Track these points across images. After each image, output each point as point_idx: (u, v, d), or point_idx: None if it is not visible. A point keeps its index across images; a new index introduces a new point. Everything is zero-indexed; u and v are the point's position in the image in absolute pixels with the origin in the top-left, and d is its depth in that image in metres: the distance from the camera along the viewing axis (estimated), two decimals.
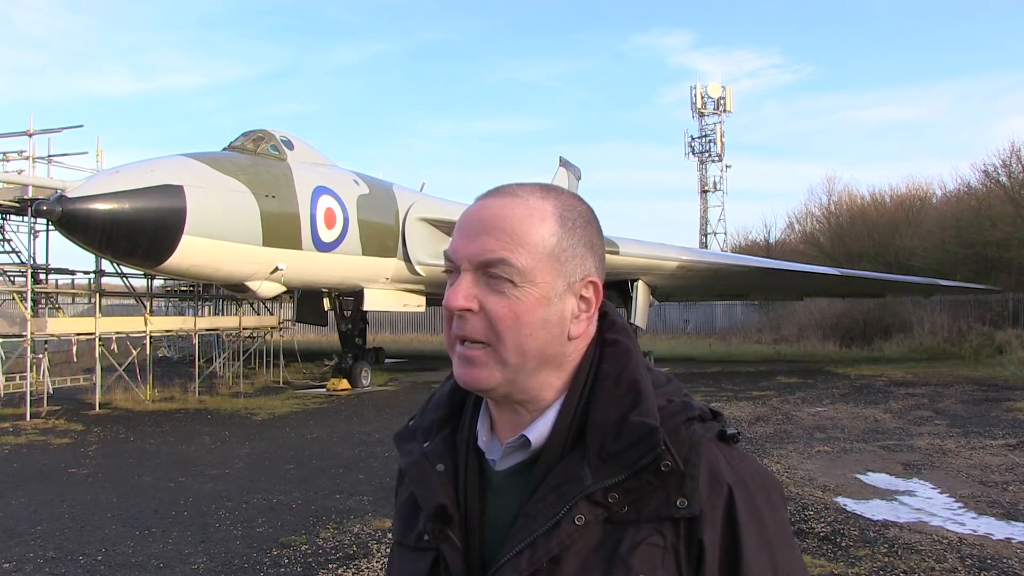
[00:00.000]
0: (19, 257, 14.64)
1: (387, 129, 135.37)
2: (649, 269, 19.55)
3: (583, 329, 1.12)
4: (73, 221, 11.16)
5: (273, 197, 13.53)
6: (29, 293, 13.58)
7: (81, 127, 21.40)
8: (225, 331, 19.57)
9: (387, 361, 24.96)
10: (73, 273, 16.90)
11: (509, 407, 1.12)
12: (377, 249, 15.93)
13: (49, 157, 14.58)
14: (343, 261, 15.24)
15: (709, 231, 48.34)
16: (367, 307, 17.20)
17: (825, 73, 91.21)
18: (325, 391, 16.89)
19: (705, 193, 48.83)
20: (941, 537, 5.86)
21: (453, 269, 1.10)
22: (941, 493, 7.31)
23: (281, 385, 18.74)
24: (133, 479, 8.32)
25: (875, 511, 6.67)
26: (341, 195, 15.08)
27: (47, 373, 14.55)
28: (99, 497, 7.50)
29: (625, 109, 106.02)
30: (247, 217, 13.02)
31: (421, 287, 17.91)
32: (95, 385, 14.31)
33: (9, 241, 14.89)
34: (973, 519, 6.40)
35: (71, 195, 11.12)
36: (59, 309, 16.13)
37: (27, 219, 13.85)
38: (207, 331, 18.43)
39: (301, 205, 14.07)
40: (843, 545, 5.66)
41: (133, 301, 18.29)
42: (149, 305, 16.76)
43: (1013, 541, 5.78)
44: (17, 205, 13.65)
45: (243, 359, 18.82)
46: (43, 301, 15.40)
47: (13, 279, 14.34)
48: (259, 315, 21.08)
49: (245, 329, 19.38)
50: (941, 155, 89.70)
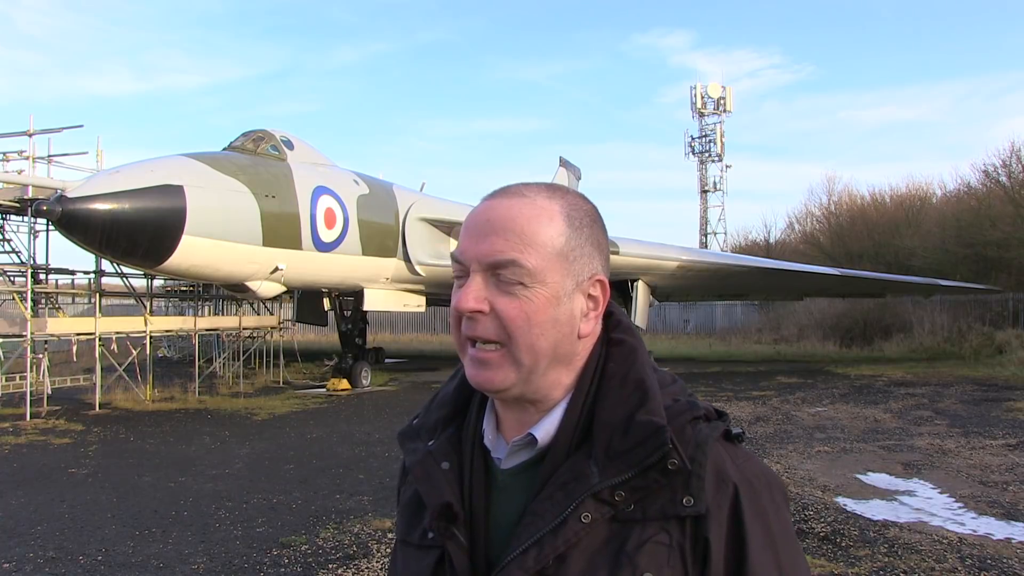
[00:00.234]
0: (19, 257, 14.65)
1: (387, 129, 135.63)
2: (649, 269, 19.54)
3: (592, 327, 1.12)
4: (73, 221, 11.16)
5: (273, 197, 13.54)
6: (29, 293, 13.59)
7: (81, 127, 21.47)
8: (225, 331, 19.57)
9: (387, 361, 24.95)
10: (73, 273, 16.91)
11: (517, 406, 1.13)
12: (377, 249, 15.94)
13: (49, 157, 14.60)
14: (343, 261, 15.24)
15: (709, 231, 48.39)
16: (367, 307, 17.21)
17: (825, 73, 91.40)
18: (325, 391, 16.89)
19: (705, 193, 48.85)
20: (941, 537, 5.86)
21: (462, 271, 1.10)
22: (941, 493, 7.31)
23: (281, 385, 18.74)
24: (133, 479, 8.32)
25: (875, 511, 6.67)
26: (341, 195, 15.09)
27: (47, 373, 14.55)
28: (99, 497, 7.50)
29: (625, 109, 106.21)
30: (247, 217, 13.02)
31: (421, 287, 17.92)
32: (95, 385, 14.31)
33: (9, 241, 14.90)
34: (973, 519, 6.41)
35: (71, 195, 11.12)
36: (59, 309, 16.14)
37: (27, 219, 13.86)
38: (207, 331, 18.43)
39: (301, 205, 14.07)
40: (843, 545, 5.66)
41: (133, 301, 18.28)
42: (149, 305, 16.75)
43: (1013, 541, 5.78)
44: (17, 205, 13.66)
45: (243, 359, 18.81)
46: (43, 301, 15.41)
47: (13, 279, 14.34)
48: (259, 315, 21.07)
49: (245, 329, 19.37)
50: (941, 155, 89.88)
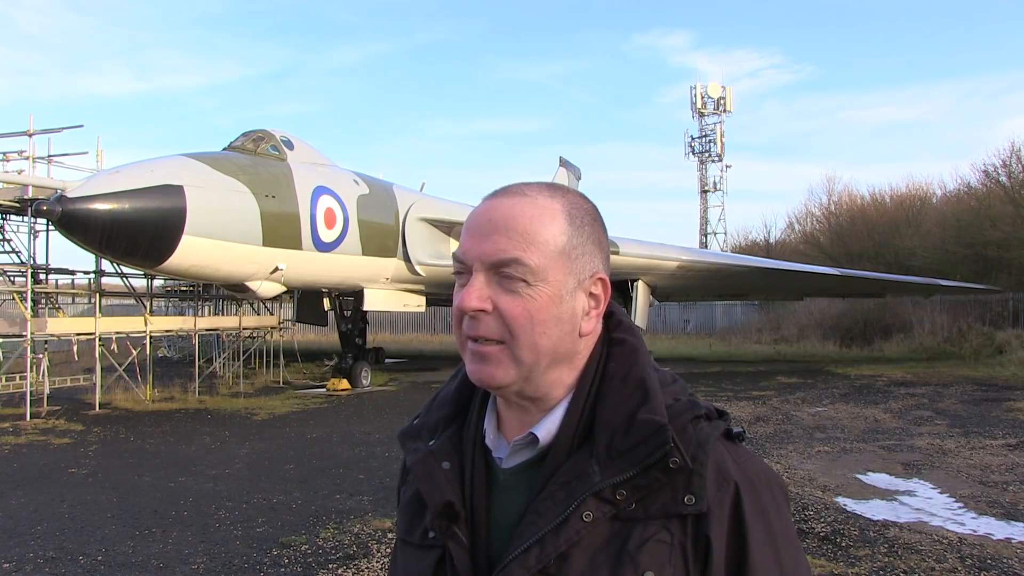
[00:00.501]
0: (19, 257, 14.65)
1: (387, 129, 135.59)
2: (649, 269, 19.55)
3: (593, 326, 1.13)
4: (73, 221, 11.16)
5: (273, 197, 13.54)
6: (29, 293, 13.58)
7: (81, 127, 21.35)
8: (225, 331, 19.56)
9: (387, 361, 24.96)
10: (73, 273, 16.90)
11: (518, 405, 1.13)
12: (377, 249, 15.94)
13: (49, 157, 14.59)
14: (343, 261, 15.24)
15: (709, 231, 48.41)
16: (367, 307, 17.21)
17: (825, 73, 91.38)
18: (325, 391, 16.88)
19: (705, 193, 48.87)
20: (941, 537, 5.86)
21: (464, 270, 1.10)
22: (941, 493, 7.31)
23: (281, 385, 18.73)
24: (133, 479, 8.32)
25: (875, 511, 6.67)
26: (341, 195, 15.09)
27: (47, 373, 14.55)
28: (99, 497, 7.50)
29: (625, 109, 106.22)
30: (247, 217, 13.02)
31: (421, 287, 17.92)
32: (95, 385, 14.31)
33: (9, 241, 14.90)
34: (973, 519, 6.41)
35: (71, 195, 11.12)
36: (59, 309, 16.13)
37: (27, 219, 13.86)
38: (207, 331, 18.43)
39: (301, 205, 14.07)
40: (843, 545, 5.66)
41: (133, 301, 18.29)
42: (149, 305, 16.75)
43: (1013, 541, 5.78)
44: (17, 205, 13.66)
45: (243, 359, 18.82)
46: (43, 301, 15.41)
47: (13, 279, 14.34)
48: (259, 315, 21.08)
49: (245, 329, 19.37)
50: (941, 155, 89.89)
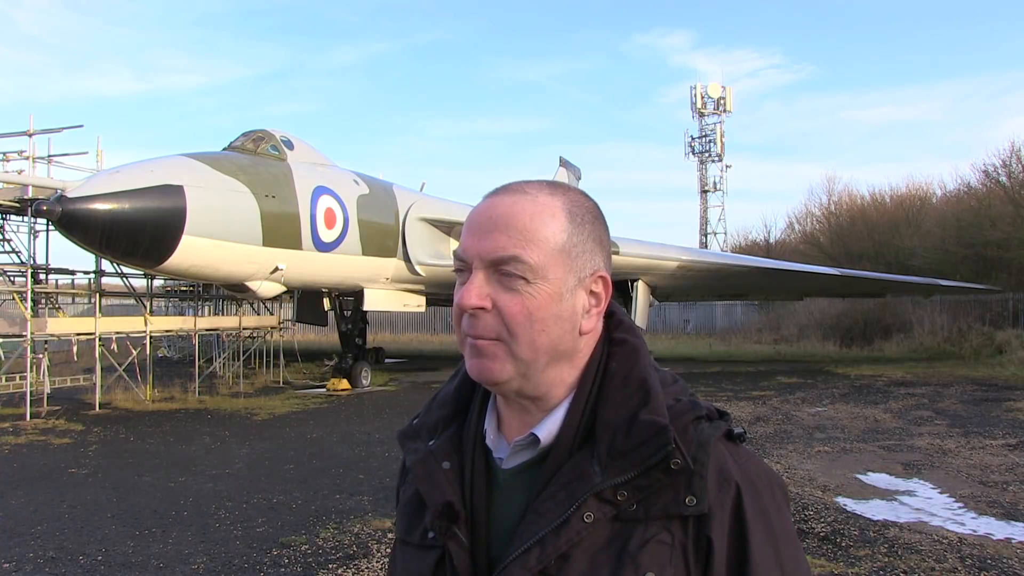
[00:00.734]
0: (19, 257, 14.64)
1: (387, 129, 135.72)
2: (649, 269, 19.55)
3: (594, 324, 1.12)
4: (73, 221, 11.15)
5: (273, 197, 13.53)
6: (29, 293, 13.58)
7: (81, 127, 21.34)
8: (225, 331, 19.56)
9: (387, 361, 24.96)
10: (73, 273, 16.90)
11: (519, 405, 1.12)
12: (377, 249, 15.94)
13: (49, 157, 14.59)
14: (343, 261, 15.24)
15: (709, 231, 48.41)
16: (367, 307, 17.20)
17: (825, 73, 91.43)
18: (325, 391, 16.88)
19: (705, 193, 48.88)
20: (941, 537, 5.86)
21: (464, 267, 1.10)
22: (941, 493, 7.31)
23: (281, 385, 18.73)
24: (133, 479, 8.32)
25: (875, 511, 6.67)
26: (341, 195, 15.08)
27: (47, 373, 14.55)
28: (99, 497, 7.50)
29: (625, 109, 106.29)
30: (247, 217, 13.02)
31: (421, 287, 17.92)
32: (95, 385, 14.31)
33: (9, 241, 14.90)
34: (973, 519, 6.41)
35: (71, 195, 11.11)
36: (59, 309, 16.13)
37: (27, 219, 13.85)
38: (207, 331, 18.43)
39: (301, 205, 14.07)
40: (843, 545, 5.66)
41: (133, 301, 18.28)
42: (149, 305, 16.75)
43: (1013, 541, 5.78)
44: (17, 205, 13.66)
45: (243, 359, 18.81)
46: (43, 301, 15.40)
47: (13, 279, 14.33)
48: (259, 315, 21.07)
49: (245, 329, 19.36)
50: (941, 155, 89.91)
